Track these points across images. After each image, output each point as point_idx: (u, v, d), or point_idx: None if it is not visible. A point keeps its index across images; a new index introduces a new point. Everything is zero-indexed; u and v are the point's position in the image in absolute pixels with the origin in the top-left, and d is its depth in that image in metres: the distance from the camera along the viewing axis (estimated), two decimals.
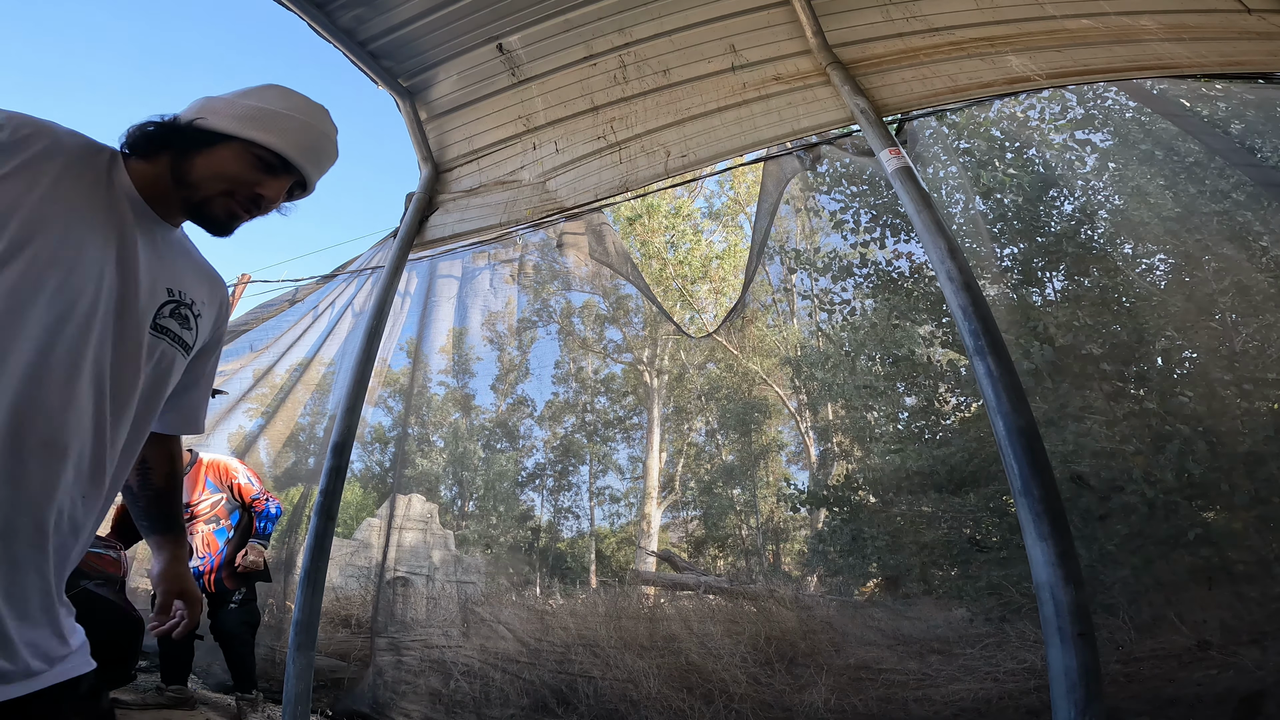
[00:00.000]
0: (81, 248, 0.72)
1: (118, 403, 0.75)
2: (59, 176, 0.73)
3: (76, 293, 0.71)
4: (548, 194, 3.11)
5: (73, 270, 0.71)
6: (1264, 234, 2.73)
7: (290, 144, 0.85)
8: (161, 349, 0.81)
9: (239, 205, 0.85)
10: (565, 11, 2.87)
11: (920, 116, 2.74)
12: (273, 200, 0.86)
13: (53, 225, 0.70)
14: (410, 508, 4.31)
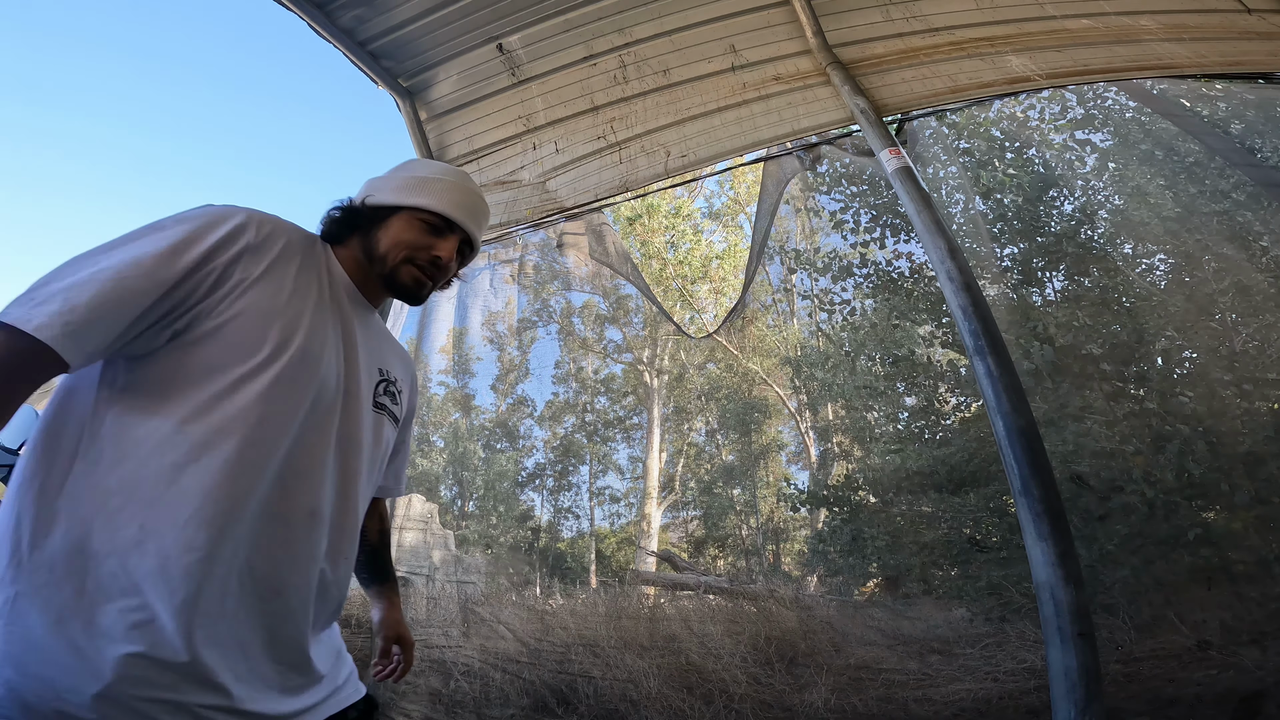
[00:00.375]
0: (324, 342, 0.81)
1: (353, 474, 0.85)
2: (296, 274, 0.81)
3: (323, 382, 0.80)
4: (548, 194, 3.11)
5: (320, 361, 0.79)
6: (1264, 234, 2.73)
7: (447, 203, 0.92)
8: (381, 423, 0.91)
9: (421, 271, 0.92)
10: (565, 11, 2.87)
11: (920, 116, 2.74)
12: (447, 260, 0.92)
13: (303, 322, 0.78)
14: (410, 508, 4.31)
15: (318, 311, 0.81)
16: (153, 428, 0.68)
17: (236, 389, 0.71)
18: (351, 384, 0.85)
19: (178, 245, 0.70)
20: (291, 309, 0.77)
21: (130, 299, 0.66)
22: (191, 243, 0.71)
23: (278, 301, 0.76)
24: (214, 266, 0.72)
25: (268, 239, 0.78)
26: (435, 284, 0.95)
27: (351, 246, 0.92)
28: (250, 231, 0.76)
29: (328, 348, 0.81)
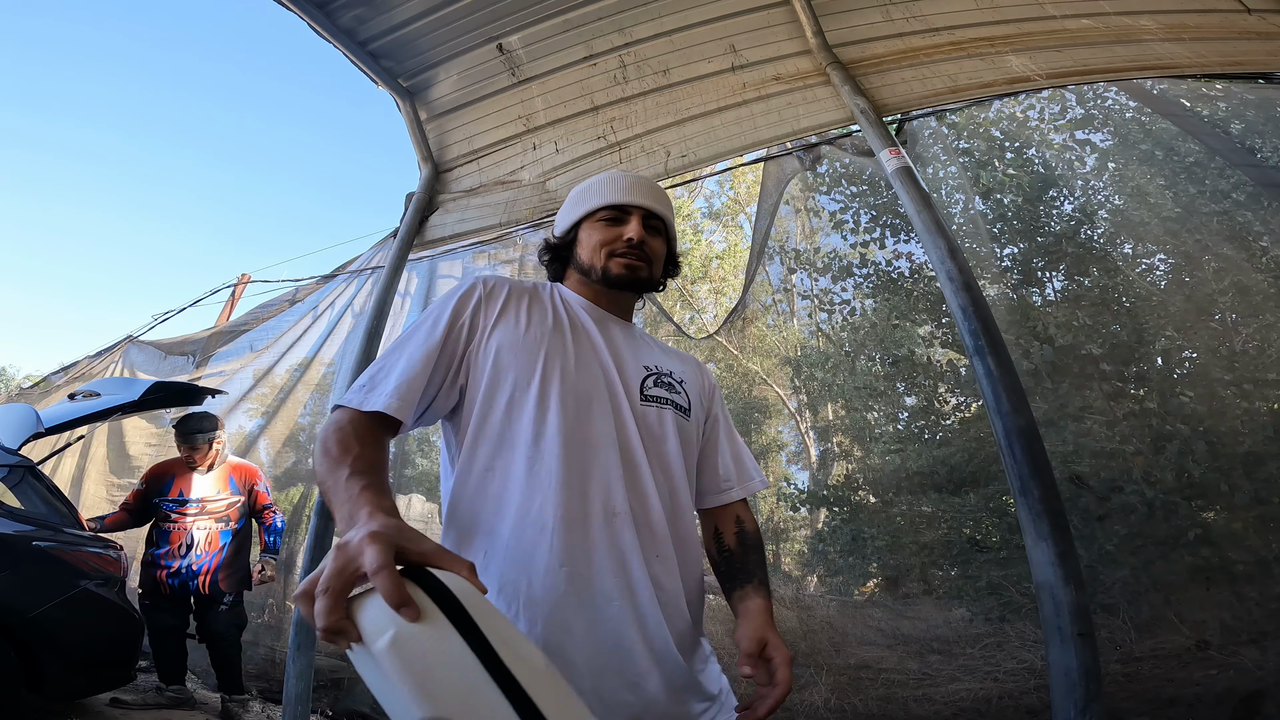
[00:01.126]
0: (568, 354, 0.89)
1: (639, 468, 0.86)
2: (528, 309, 0.93)
3: (579, 388, 0.87)
4: (548, 194, 3.11)
5: (569, 371, 0.88)
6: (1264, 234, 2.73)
7: (611, 194, 1.00)
8: (662, 416, 0.93)
9: (623, 256, 0.97)
10: (565, 11, 2.87)
11: (920, 116, 2.74)
12: (637, 236, 0.97)
13: (544, 343, 0.89)
14: (410, 507, 4.31)
15: (556, 332, 0.91)
16: (474, 473, 0.83)
17: (510, 417, 0.84)
18: (616, 386, 0.90)
19: (439, 316, 0.89)
20: (531, 336, 0.89)
21: (423, 364, 0.83)
22: (445, 310, 0.90)
23: (518, 334, 0.89)
24: (463, 321, 0.89)
25: (494, 289, 0.94)
26: (646, 263, 0.99)
27: (571, 275, 1.04)
28: (480, 288, 0.93)
29: (571, 358, 0.89)
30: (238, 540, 3.12)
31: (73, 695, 2.44)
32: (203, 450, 3.08)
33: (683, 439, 0.94)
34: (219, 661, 3.02)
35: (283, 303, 4.76)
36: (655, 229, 1.01)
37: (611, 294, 1.00)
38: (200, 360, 5.00)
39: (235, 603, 3.08)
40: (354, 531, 0.53)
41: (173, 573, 2.95)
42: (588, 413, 0.86)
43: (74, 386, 4.07)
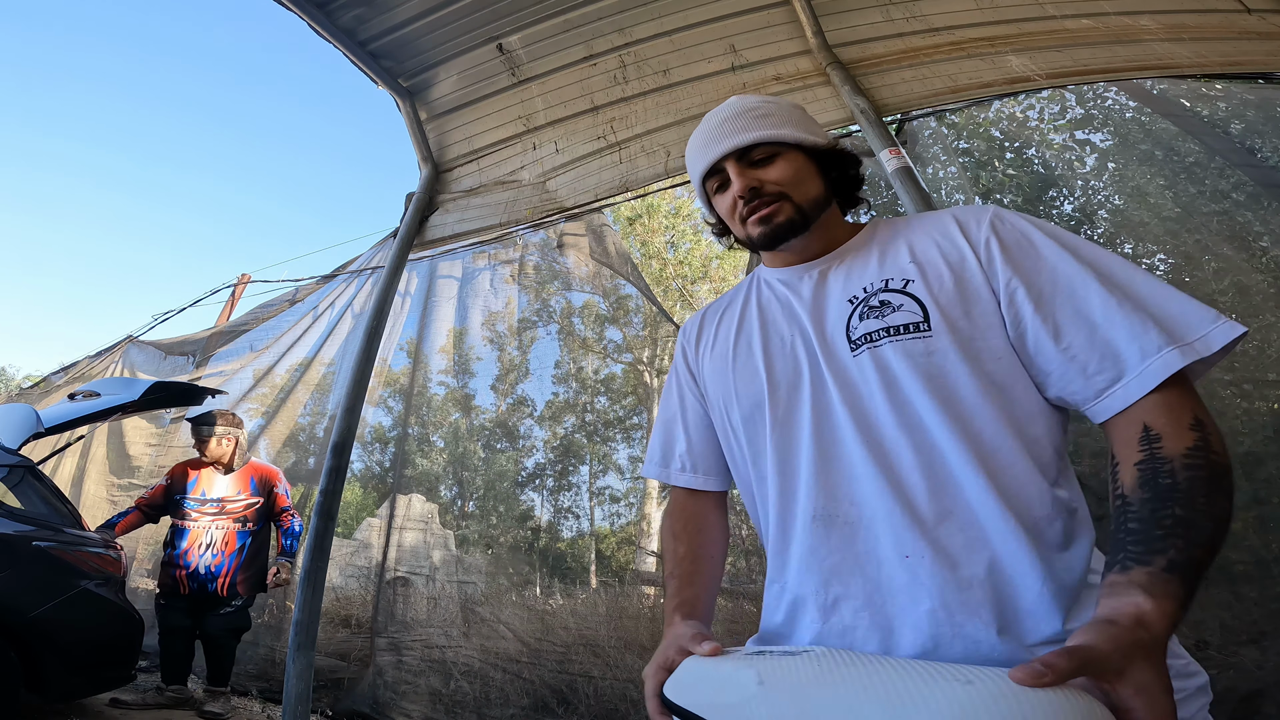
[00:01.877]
0: (771, 346, 0.81)
1: (850, 447, 0.69)
2: (719, 327, 0.91)
3: (785, 378, 0.77)
4: (548, 194, 3.11)
5: (773, 363, 0.79)
6: (1264, 234, 2.73)
7: (698, 161, 0.87)
8: (875, 355, 0.70)
9: (746, 212, 0.82)
10: (565, 11, 2.87)
11: (920, 117, 2.74)
12: (743, 186, 0.81)
13: (731, 360, 0.85)
14: (410, 508, 4.32)
15: (740, 338, 0.85)
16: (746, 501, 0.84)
17: (730, 444, 0.85)
18: (810, 357, 0.76)
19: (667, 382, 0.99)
20: (719, 352, 0.87)
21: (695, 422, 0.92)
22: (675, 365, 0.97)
23: (716, 360, 0.87)
24: (685, 371, 0.94)
25: (689, 326, 0.97)
26: (780, 202, 0.80)
27: (744, 248, 0.97)
28: (681, 333, 0.99)
29: (758, 354, 0.81)
30: (256, 543, 3.14)
31: (73, 695, 2.44)
32: (208, 444, 3.10)
33: (927, 367, 0.67)
34: (211, 659, 3.06)
35: (283, 303, 4.76)
36: (767, 157, 0.81)
37: (791, 248, 0.83)
38: (200, 360, 5.00)
39: (243, 606, 3.10)
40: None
41: (192, 572, 2.97)
42: (790, 406, 0.75)
43: (74, 386, 4.07)
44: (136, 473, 4.89)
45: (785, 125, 0.81)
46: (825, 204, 0.83)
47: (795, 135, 0.81)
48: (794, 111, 0.84)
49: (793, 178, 0.80)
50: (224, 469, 3.17)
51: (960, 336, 0.67)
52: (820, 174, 0.83)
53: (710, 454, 0.90)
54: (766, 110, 0.83)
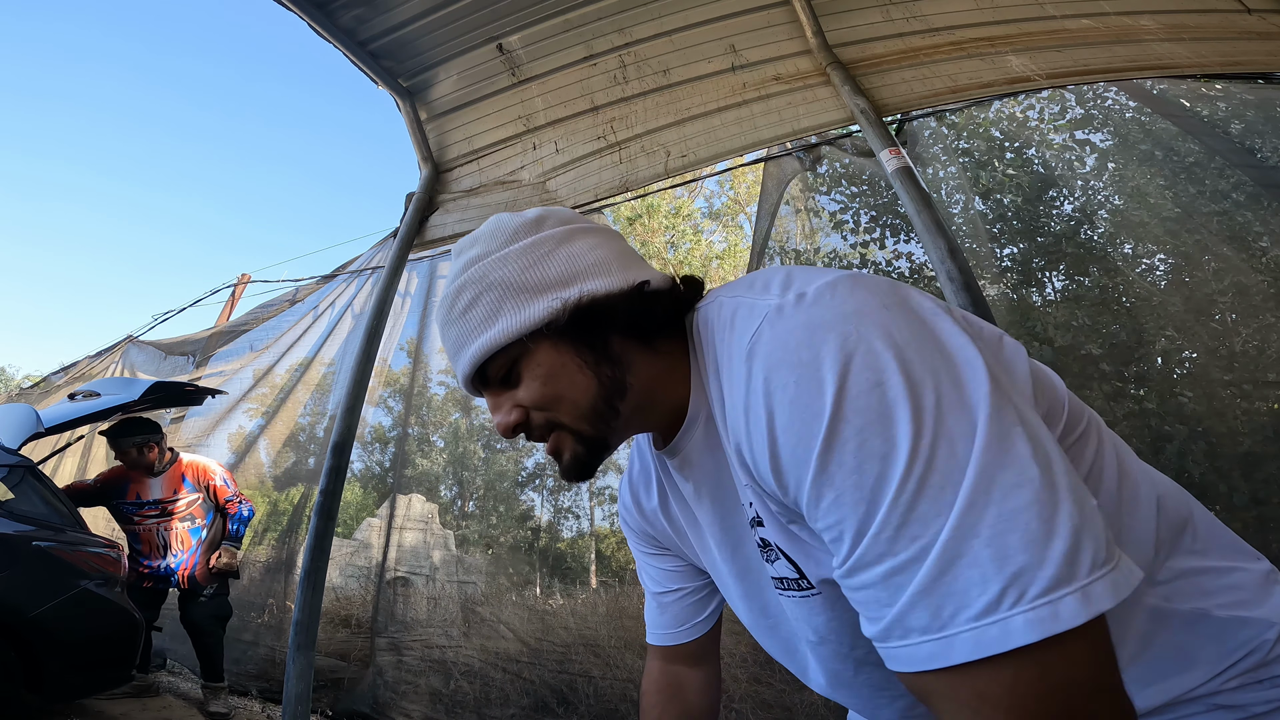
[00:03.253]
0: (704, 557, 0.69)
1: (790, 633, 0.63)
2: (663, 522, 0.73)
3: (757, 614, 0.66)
4: (548, 194, 3.11)
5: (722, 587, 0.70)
6: (1264, 234, 2.73)
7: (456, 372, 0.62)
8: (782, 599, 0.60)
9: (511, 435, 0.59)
10: (565, 11, 2.87)
11: (920, 117, 2.74)
12: (504, 419, 0.57)
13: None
14: (410, 508, 4.32)
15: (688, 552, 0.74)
16: None
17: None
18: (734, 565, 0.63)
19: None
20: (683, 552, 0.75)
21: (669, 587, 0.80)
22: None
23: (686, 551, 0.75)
24: (643, 548, 0.81)
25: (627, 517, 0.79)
26: (549, 446, 0.58)
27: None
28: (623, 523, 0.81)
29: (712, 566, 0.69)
30: (210, 536, 3.19)
31: (73, 695, 2.44)
32: (130, 455, 3.10)
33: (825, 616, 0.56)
34: (199, 651, 3.10)
35: (283, 303, 4.76)
36: (506, 373, 0.56)
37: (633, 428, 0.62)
38: (200, 360, 5.00)
39: (216, 594, 3.14)
40: None
41: (153, 572, 3.07)
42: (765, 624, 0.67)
43: (74, 386, 4.07)
44: None
45: (500, 317, 0.55)
46: (616, 392, 0.55)
47: (518, 325, 0.54)
48: (515, 263, 0.56)
49: (547, 395, 0.55)
50: (149, 472, 3.17)
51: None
52: (589, 358, 0.55)
53: (689, 610, 0.78)
54: (470, 295, 0.56)
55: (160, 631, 3.22)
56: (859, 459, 0.40)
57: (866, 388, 0.40)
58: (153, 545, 3.09)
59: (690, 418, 0.58)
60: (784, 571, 0.55)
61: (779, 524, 0.52)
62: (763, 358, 0.45)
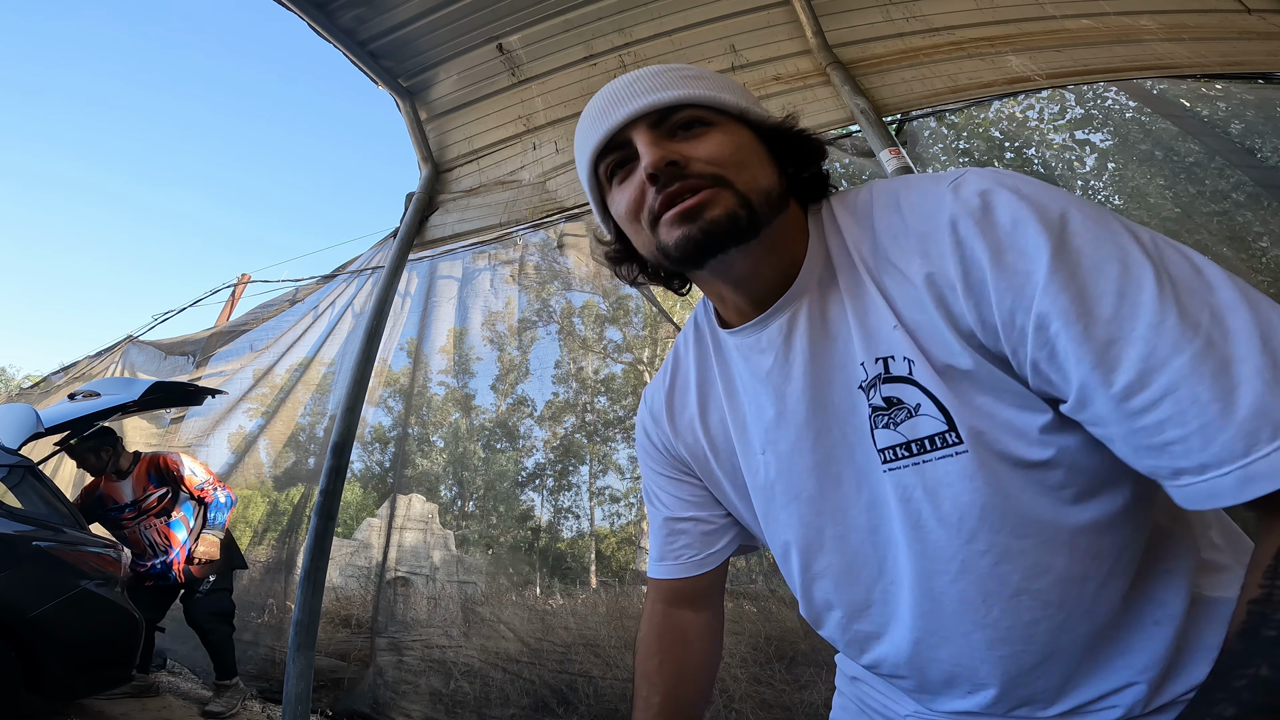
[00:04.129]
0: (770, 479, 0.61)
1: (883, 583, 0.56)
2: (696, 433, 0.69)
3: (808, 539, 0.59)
4: (548, 194, 3.11)
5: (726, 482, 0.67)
6: (1264, 234, 2.73)
7: (591, 135, 0.57)
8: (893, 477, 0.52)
9: (660, 205, 0.53)
10: (565, 11, 2.87)
11: (920, 117, 2.74)
12: (653, 157, 0.52)
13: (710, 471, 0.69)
14: (410, 508, 4.31)
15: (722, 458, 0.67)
16: None
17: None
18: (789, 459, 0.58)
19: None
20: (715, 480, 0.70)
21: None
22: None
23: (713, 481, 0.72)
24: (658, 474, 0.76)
25: (648, 426, 0.76)
26: (701, 194, 0.51)
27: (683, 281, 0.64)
28: (640, 435, 0.76)
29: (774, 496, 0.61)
30: (196, 527, 3.17)
31: (73, 695, 2.44)
32: (89, 460, 3.11)
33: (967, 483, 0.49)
34: (206, 649, 3.10)
35: (283, 303, 4.76)
36: (695, 127, 0.54)
37: (735, 277, 0.56)
38: (200, 360, 5.00)
39: (214, 589, 3.12)
40: None
41: (149, 571, 3.07)
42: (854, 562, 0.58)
43: (74, 386, 4.07)
44: None
45: (724, 91, 0.56)
46: (779, 205, 0.55)
47: (738, 103, 0.55)
48: (735, 84, 0.58)
49: (733, 157, 0.53)
50: (118, 475, 3.17)
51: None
52: (773, 162, 0.56)
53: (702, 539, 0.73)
54: (697, 72, 0.56)
55: (163, 632, 3.22)
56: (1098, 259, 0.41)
57: (1093, 210, 0.44)
58: (141, 546, 3.09)
59: (799, 284, 0.56)
60: (921, 430, 0.50)
61: (940, 366, 0.49)
62: (974, 180, 0.48)
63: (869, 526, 0.55)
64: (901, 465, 0.51)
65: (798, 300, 0.56)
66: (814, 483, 0.57)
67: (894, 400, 0.51)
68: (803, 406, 0.56)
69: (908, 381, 0.50)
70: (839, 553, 0.58)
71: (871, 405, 0.52)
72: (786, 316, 0.56)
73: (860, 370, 0.53)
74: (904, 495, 0.52)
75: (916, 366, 0.50)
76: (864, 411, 0.53)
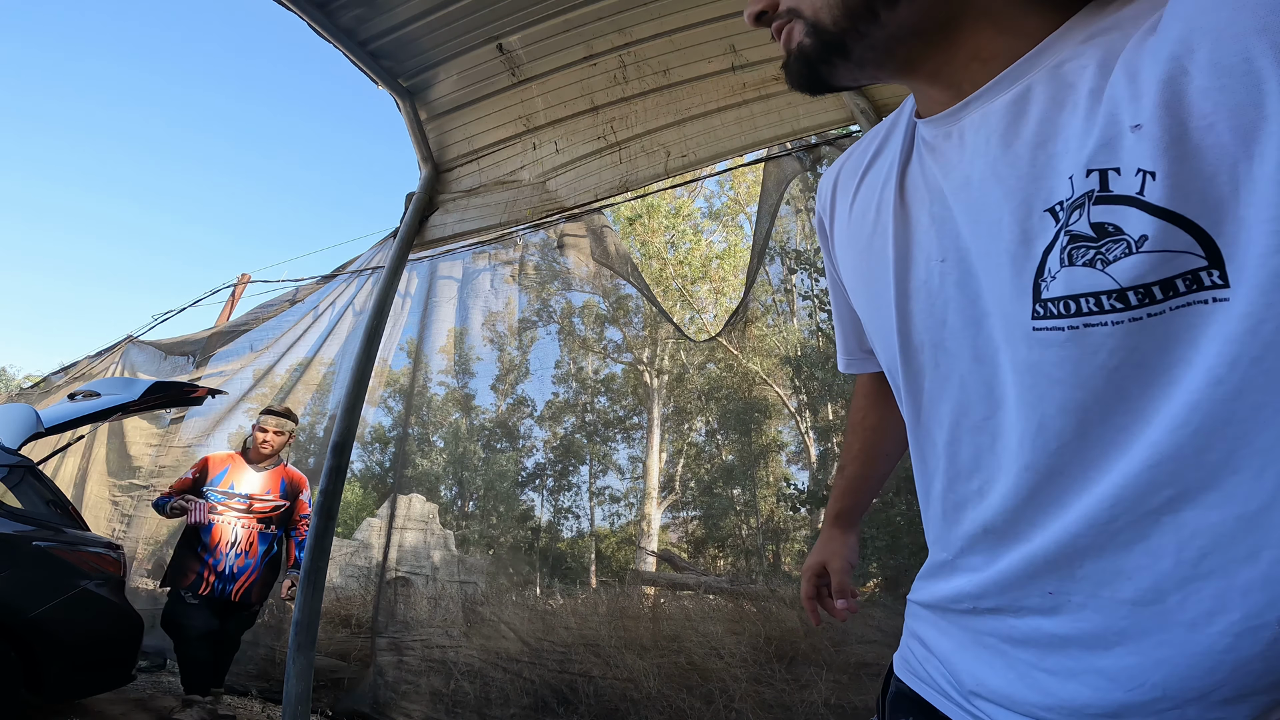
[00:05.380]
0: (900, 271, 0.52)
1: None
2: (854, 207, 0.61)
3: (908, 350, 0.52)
4: (548, 194, 3.11)
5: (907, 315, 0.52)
6: None
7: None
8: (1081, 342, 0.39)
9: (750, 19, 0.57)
10: (565, 11, 2.87)
11: None
12: (748, 9, 0.58)
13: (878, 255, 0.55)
14: (410, 508, 4.32)
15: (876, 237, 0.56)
16: None
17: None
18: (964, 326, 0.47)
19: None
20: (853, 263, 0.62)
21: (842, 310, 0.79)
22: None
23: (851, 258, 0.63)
24: (827, 255, 0.76)
25: (823, 189, 0.68)
26: (777, 29, 0.57)
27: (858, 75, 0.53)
28: (818, 198, 0.68)
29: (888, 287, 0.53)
30: (275, 549, 3.12)
31: (73, 695, 2.45)
32: (268, 431, 3.10)
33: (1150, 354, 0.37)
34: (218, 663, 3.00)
35: (283, 303, 4.76)
36: None
37: (912, 72, 0.51)
38: (200, 360, 5.00)
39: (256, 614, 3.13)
40: None
41: (219, 572, 2.92)
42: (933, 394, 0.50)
43: (74, 386, 4.07)
44: (137, 473, 4.89)
45: None
46: (873, 9, 0.46)
47: None
48: None
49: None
50: (259, 461, 3.13)
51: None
52: None
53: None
54: None
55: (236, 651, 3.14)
56: None
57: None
58: (223, 539, 2.97)
59: (1010, 75, 0.44)
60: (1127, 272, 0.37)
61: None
62: None
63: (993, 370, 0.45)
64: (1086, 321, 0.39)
65: (999, 92, 0.45)
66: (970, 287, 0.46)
67: (1097, 231, 0.38)
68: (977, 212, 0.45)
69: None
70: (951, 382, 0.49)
71: (1066, 235, 0.39)
72: (980, 112, 0.46)
73: (1070, 181, 0.39)
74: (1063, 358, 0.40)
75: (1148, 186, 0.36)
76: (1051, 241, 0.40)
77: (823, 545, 0.86)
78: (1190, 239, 0.35)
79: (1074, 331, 0.39)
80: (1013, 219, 0.42)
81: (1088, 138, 0.39)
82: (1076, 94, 0.40)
